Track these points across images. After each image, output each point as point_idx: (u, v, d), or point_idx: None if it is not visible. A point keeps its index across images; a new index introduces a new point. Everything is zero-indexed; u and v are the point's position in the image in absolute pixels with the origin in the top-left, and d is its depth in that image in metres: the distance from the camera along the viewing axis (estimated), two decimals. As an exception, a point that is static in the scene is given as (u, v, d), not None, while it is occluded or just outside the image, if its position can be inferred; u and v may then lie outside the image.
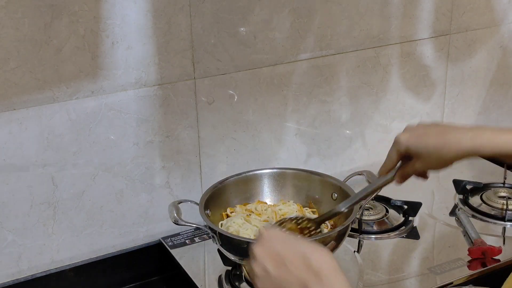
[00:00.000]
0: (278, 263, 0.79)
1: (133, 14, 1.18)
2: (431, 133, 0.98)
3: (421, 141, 0.98)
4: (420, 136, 0.99)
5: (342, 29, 1.42)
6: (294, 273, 0.78)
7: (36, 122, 1.15)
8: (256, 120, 1.39)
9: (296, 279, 0.77)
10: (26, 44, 1.10)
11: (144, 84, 1.23)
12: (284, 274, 0.78)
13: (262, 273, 0.80)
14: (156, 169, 1.30)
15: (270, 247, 0.81)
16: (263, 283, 0.80)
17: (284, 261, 0.79)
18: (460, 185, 1.48)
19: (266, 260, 0.80)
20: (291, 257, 0.79)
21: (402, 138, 1.00)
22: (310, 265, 0.77)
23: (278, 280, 0.79)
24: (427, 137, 0.98)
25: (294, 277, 0.77)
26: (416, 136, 0.99)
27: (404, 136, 1.00)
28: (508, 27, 1.67)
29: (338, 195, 1.20)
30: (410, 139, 0.99)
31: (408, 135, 1.00)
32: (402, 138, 1.00)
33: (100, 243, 1.28)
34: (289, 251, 0.80)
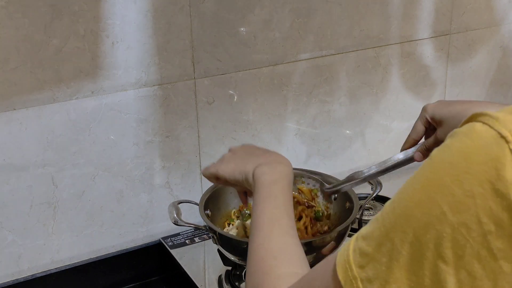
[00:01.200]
0: (247, 151, 1.00)
1: (133, 14, 1.18)
2: (457, 102, 1.01)
3: (446, 108, 1.00)
4: (446, 105, 1.01)
5: (342, 29, 1.42)
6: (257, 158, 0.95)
7: (36, 122, 1.15)
8: (256, 120, 1.39)
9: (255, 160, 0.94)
10: (26, 44, 1.10)
11: (144, 84, 1.23)
12: (248, 157, 0.97)
13: (229, 157, 1.00)
14: (156, 169, 1.30)
15: (246, 146, 1.05)
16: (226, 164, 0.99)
17: (253, 152, 1.00)
18: (460, 185, 1.48)
19: (238, 150, 1.02)
20: (259, 152, 1.00)
21: (429, 105, 1.03)
22: (269, 156, 0.96)
23: (241, 160, 0.97)
24: (453, 105, 1.00)
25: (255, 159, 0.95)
26: (442, 104, 1.02)
27: (431, 104, 1.03)
28: (508, 27, 1.67)
29: (338, 195, 1.20)
30: (436, 107, 1.01)
31: (436, 103, 1.03)
32: (429, 106, 1.03)
33: (100, 243, 1.28)
34: (260, 149, 1.01)
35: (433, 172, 0.56)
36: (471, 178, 0.52)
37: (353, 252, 0.60)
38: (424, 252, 0.54)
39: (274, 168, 0.91)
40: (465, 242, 0.52)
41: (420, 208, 0.55)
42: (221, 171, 0.99)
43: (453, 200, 0.53)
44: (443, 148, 0.57)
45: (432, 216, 0.54)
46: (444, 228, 0.53)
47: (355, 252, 0.60)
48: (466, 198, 0.52)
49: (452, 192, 0.53)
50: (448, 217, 0.53)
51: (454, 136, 0.57)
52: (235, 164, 0.98)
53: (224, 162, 1.00)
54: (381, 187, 1.20)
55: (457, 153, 0.55)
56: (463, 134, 0.56)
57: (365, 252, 0.59)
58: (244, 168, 0.95)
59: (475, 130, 0.55)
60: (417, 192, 0.56)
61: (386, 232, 0.57)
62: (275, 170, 0.91)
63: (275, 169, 0.91)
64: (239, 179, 0.96)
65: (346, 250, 0.61)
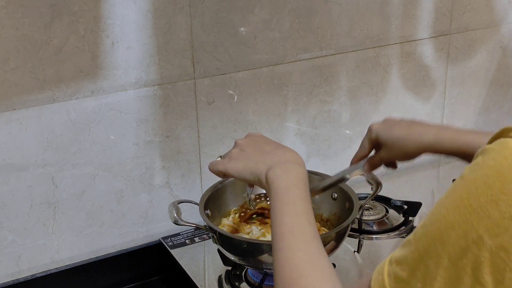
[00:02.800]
0: (256, 148, 0.94)
1: (133, 14, 1.18)
2: (400, 125, 1.02)
3: (389, 130, 1.01)
4: (390, 126, 1.02)
5: (342, 29, 1.42)
6: (266, 156, 0.91)
7: (36, 122, 1.15)
8: (256, 120, 1.39)
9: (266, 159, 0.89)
10: (26, 44, 1.10)
11: (144, 84, 1.23)
12: (258, 155, 0.92)
13: (237, 154, 0.95)
14: (156, 169, 1.30)
15: (252, 139, 0.98)
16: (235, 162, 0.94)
17: (262, 148, 0.94)
18: (460, 185, 1.48)
19: (246, 145, 0.96)
20: (268, 147, 0.94)
21: (374, 126, 1.04)
22: (282, 155, 0.90)
23: (251, 158, 0.92)
24: (395, 127, 1.01)
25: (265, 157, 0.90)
26: (386, 126, 1.03)
27: (376, 125, 1.04)
28: (508, 27, 1.67)
29: (338, 195, 1.20)
30: (380, 128, 1.03)
31: (380, 124, 1.04)
32: (374, 126, 1.04)
33: (100, 243, 1.28)
34: (268, 144, 0.95)
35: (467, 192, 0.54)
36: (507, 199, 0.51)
37: (388, 277, 0.59)
38: (461, 277, 0.53)
39: (288, 171, 0.86)
40: (504, 266, 0.51)
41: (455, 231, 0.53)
42: (230, 169, 0.94)
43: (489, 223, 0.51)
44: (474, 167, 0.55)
45: (469, 240, 0.52)
46: (482, 252, 0.51)
47: (390, 277, 0.59)
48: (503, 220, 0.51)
49: (488, 214, 0.51)
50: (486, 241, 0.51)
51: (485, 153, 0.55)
52: (244, 163, 0.92)
53: (233, 159, 0.95)
54: (381, 187, 1.20)
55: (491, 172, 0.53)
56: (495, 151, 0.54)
57: (400, 277, 0.58)
58: (255, 168, 0.90)
59: (508, 147, 0.53)
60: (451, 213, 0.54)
61: (420, 257, 0.56)
62: (290, 173, 0.86)
63: (290, 172, 0.86)
64: (250, 179, 0.91)
65: (381, 274, 0.60)
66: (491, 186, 0.52)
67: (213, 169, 0.99)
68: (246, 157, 0.93)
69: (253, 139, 0.97)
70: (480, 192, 0.52)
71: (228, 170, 0.95)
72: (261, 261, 1.07)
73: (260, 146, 0.94)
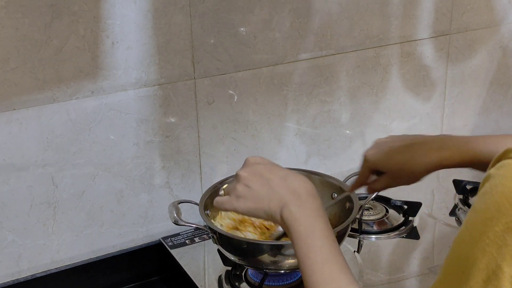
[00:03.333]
0: (262, 183, 0.87)
1: (133, 14, 1.18)
2: (397, 149, 0.98)
3: (388, 158, 0.99)
4: (387, 153, 0.99)
5: (342, 29, 1.42)
6: (276, 191, 0.85)
7: (36, 122, 1.15)
8: (256, 120, 1.39)
9: (277, 197, 0.84)
10: (26, 44, 1.10)
11: (144, 84, 1.23)
12: (267, 192, 0.85)
13: (245, 192, 0.87)
14: (156, 169, 1.30)
15: (254, 170, 0.89)
16: (244, 201, 0.87)
17: (268, 181, 0.86)
18: (460, 185, 1.48)
19: (251, 179, 0.88)
20: (274, 178, 0.86)
21: (369, 155, 1.01)
22: (290, 186, 0.84)
23: (260, 197, 0.86)
24: (393, 153, 0.98)
25: (275, 194, 0.84)
26: (383, 153, 1.00)
27: (371, 153, 1.01)
28: (508, 27, 1.67)
29: (338, 195, 1.20)
30: (377, 156, 1.00)
31: (375, 151, 1.01)
32: (370, 155, 1.01)
33: (100, 243, 1.28)
34: (273, 173, 0.88)
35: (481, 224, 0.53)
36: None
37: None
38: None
39: (304, 208, 0.82)
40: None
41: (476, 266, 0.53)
42: (240, 209, 0.89)
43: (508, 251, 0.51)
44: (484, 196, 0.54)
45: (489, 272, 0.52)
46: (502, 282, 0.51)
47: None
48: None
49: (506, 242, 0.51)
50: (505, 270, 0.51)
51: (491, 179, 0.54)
52: (254, 202, 0.86)
53: (240, 198, 0.88)
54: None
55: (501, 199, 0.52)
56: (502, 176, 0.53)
57: None
58: (268, 208, 0.85)
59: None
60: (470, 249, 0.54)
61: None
62: (306, 209, 0.82)
63: (305, 209, 0.82)
64: (264, 218, 0.87)
65: None
66: (504, 213, 0.51)
67: (221, 208, 0.93)
68: (255, 195, 0.87)
69: (255, 170, 0.89)
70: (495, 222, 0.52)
71: (237, 210, 0.89)
72: (261, 261, 1.07)
73: (266, 178, 0.87)
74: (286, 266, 1.09)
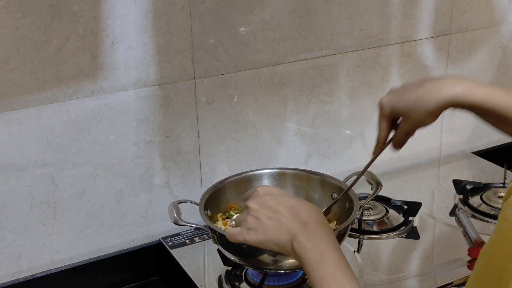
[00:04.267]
0: (270, 215, 0.88)
1: (133, 14, 1.18)
2: (411, 88, 0.97)
3: (402, 98, 0.97)
4: (401, 94, 0.98)
5: (342, 29, 1.42)
6: (284, 223, 0.86)
7: (36, 122, 1.15)
8: (256, 120, 1.39)
9: (286, 229, 0.85)
10: (26, 44, 1.10)
11: (144, 84, 1.23)
12: (275, 224, 0.87)
13: (255, 224, 0.89)
14: (156, 169, 1.30)
15: (263, 201, 0.91)
16: (254, 234, 0.89)
17: (276, 214, 0.88)
18: (460, 185, 1.48)
19: (259, 211, 0.89)
20: (282, 210, 0.88)
21: (385, 100, 1.00)
22: (298, 217, 0.86)
23: (269, 229, 0.87)
24: (407, 92, 0.97)
25: (284, 226, 0.86)
26: (397, 95, 0.99)
27: (386, 98, 1.00)
28: (508, 27, 1.67)
29: (338, 195, 1.20)
30: (392, 99, 0.99)
31: (389, 96, 1.00)
32: (385, 100, 1.00)
33: (100, 243, 1.28)
34: (280, 204, 0.89)
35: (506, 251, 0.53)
36: None
37: None
38: None
39: (313, 238, 0.83)
40: None
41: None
42: (251, 241, 0.90)
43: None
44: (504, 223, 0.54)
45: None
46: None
47: None
48: None
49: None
50: None
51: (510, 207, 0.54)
52: (264, 234, 0.88)
53: (251, 230, 0.89)
54: (381, 187, 1.20)
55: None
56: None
57: None
58: (278, 240, 0.86)
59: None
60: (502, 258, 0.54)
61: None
62: (315, 239, 0.83)
63: (315, 239, 0.83)
64: (275, 249, 0.88)
65: None
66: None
67: (232, 240, 0.94)
68: (265, 227, 0.88)
69: (264, 201, 0.90)
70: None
71: (248, 241, 0.91)
72: (261, 261, 1.07)
73: (274, 210, 0.88)
74: (286, 266, 1.09)
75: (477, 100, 0.91)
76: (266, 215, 0.88)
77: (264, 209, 0.89)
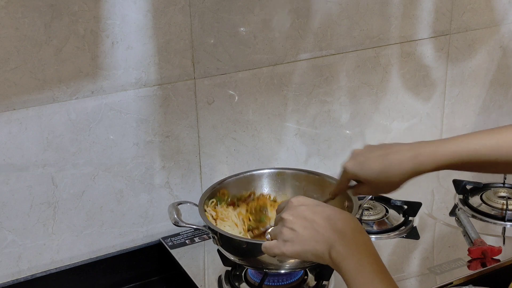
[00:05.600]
0: (306, 225, 0.87)
1: (133, 14, 1.18)
2: (373, 159, 1.01)
3: (365, 168, 1.02)
4: (363, 163, 1.02)
5: (342, 29, 1.42)
6: (321, 233, 0.85)
7: (36, 122, 1.15)
8: (256, 120, 1.39)
9: (323, 238, 0.84)
10: (26, 44, 1.10)
11: (144, 84, 1.23)
12: (312, 234, 0.86)
13: (291, 235, 0.88)
14: (156, 169, 1.30)
15: (298, 212, 0.89)
16: (291, 245, 0.88)
17: (312, 224, 0.87)
18: (460, 185, 1.48)
19: (295, 222, 0.88)
20: (318, 220, 0.86)
21: (348, 166, 1.05)
22: (335, 226, 0.85)
23: (306, 240, 0.86)
24: (370, 163, 1.01)
25: (321, 236, 0.85)
26: (360, 163, 1.03)
27: (349, 164, 1.05)
28: (508, 27, 1.67)
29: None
30: (355, 167, 1.03)
31: (353, 163, 1.04)
32: (348, 167, 1.05)
33: (100, 243, 1.28)
34: (316, 214, 0.88)
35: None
36: None
37: None
38: None
39: (351, 246, 0.83)
40: None
41: None
42: (288, 253, 0.88)
43: None
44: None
45: None
46: None
47: None
48: None
49: None
50: None
51: None
52: (301, 246, 0.87)
53: (287, 242, 0.88)
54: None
55: None
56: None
57: None
58: (314, 250, 0.85)
59: None
60: None
61: None
62: (353, 247, 0.82)
63: (353, 247, 0.82)
64: (312, 260, 0.88)
65: None
66: None
67: (269, 253, 0.92)
68: (301, 238, 0.87)
69: (298, 212, 0.89)
70: None
71: (285, 254, 0.89)
72: (261, 261, 1.07)
73: (310, 220, 0.87)
74: (286, 266, 1.09)
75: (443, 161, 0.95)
76: (302, 226, 0.87)
77: (300, 220, 0.88)
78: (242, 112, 1.36)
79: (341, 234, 0.84)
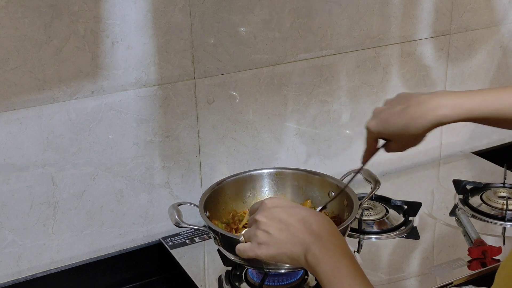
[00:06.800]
0: (281, 228, 0.85)
1: (133, 14, 1.18)
2: (394, 114, 0.99)
3: (388, 124, 1.00)
4: (386, 119, 1.00)
5: (342, 29, 1.42)
6: (296, 235, 0.83)
7: (36, 122, 1.15)
8: (256, 120, 1.39)
9: (298, 241, 0.83)
10: (26, 44, 1.10)
11: (144, 84, 1.23)
12: (288, 237, 0.84)
13: (266, 238, 0.86)
14: (156, 169, 1.30)
15: (272, 214, 0.87)
16: (266, 248, 0.86)
17: (287, 226, 0.85)
18: (460, 185, 1.48)
19: (269, 225, 0.86)
20: (293, 222, 0.85)
21: (371, 125, 1.03)
22: (310, 228, 0.83)
23: (281, 242, 0.85)
24: (392, 119, 0.99)
25: (296, 239, 0.83)
26: (382, 120, 1.01)
27: (372, 123, 1.03)
28: (508, 27, 1.67)
29: (335, 194, 1.20)
30: (378, 125, 1.02)
31: (375, 121, 1.02)
32: (372, 126, 1.03)
33: (100, 243, 1.28)
34: (291, 216, 0.86)
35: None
36: None
37: None
38: None
39: (327, 249, 0.81)
40: None
41: None
42: (263, 256, 0.87)
43: None
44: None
45: None
46: None
47: None
48: None
49: None
50: None
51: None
52: (276, 248, 0.85)
53: (262, 245, 0.87)
54: (379, 185, 1.21)
55: None
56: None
57: None
58: (290, 253, 0.84)
59: None
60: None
61: None
62: (329, 250, 0.81)
63: (329, 249, 0.81)
64: (288, 263, 0.86)
65: None
66: None
67: (243, 256, 0.91)
68: (276, 241, 0.85)
69: (273, 214, 0.88)
70: None
71: (260, 257, 0.88)
72: (261, 261, 1.07)
73: (285, 223, 0.86)
74: (286, 266, 1.09)
75: (464, 114, 0.94)
76: (277, 228, 0.85)
77: (274, 222, 0.86)
78: (242, 112, 1.36)
79: (317, 237, 0.82)
